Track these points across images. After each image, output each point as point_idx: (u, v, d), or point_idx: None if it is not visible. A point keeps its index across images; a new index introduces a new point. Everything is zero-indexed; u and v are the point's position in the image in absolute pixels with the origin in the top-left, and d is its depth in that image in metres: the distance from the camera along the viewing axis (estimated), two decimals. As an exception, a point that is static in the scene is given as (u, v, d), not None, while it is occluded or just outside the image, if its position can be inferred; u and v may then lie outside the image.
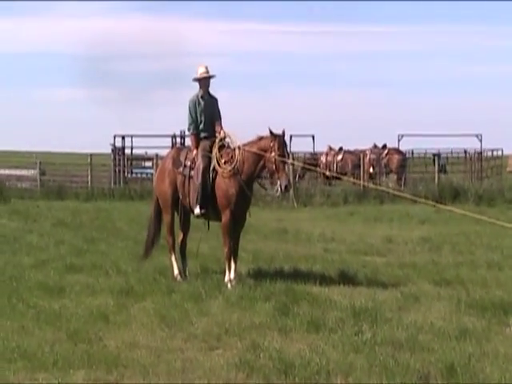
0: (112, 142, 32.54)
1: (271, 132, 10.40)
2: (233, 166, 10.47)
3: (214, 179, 10.57)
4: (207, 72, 11.04)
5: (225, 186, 10.49)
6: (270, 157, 10.27)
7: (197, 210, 10.65)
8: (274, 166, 10.28)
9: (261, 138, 10.57)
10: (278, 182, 10.37)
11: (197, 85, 11.07)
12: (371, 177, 29.46)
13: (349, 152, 31.71)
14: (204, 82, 11.03)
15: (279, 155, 10.26)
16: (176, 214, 11.23)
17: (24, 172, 34.18)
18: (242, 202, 10.51)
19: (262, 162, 10.43)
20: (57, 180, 30.90)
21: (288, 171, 11.00)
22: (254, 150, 10.46)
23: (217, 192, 10.54)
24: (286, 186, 10.28)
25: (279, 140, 10.35)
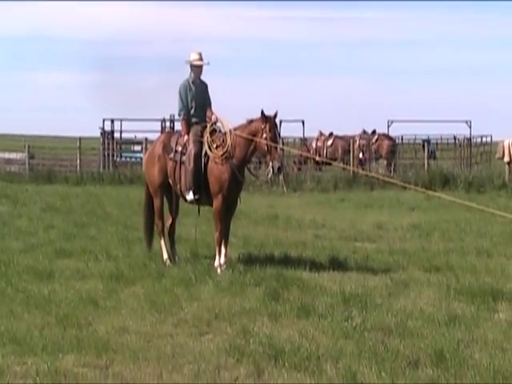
0: (101, 125, 32.30)
1: (263, 114, 10.33)
2: (224, 150, 10.43)
3: (206, 164, 10.54)
4: (201, 59, 10.98)
5: (217, 171, 10.44)
6: (262, 139, 10.24)
7: (190, 196, 10.61)
8: (265, 148, 10.25)
9: (251, 122, 10.50)
10: (271, 164, 10.34)
11: (188, 69, 11.02)
12: (361, 162, 29.46)
13: (339, 137, 31.67)
14: (197, 68, 10.97)
15: (271, 137, 10.23)
16: (165, 198, 11.21)
17: (13, 155, 33.96)
18: (234, 186, 10.48)
19: (253, 146, 10.39)
20: (46, 164, 30.71)
21: (280, 153, 10.92)
22: (245, 134, 10.42)
23: (209, 177, 10.49)
24: (278, 168, 10.26)
25: (270, 122, 10.31)
